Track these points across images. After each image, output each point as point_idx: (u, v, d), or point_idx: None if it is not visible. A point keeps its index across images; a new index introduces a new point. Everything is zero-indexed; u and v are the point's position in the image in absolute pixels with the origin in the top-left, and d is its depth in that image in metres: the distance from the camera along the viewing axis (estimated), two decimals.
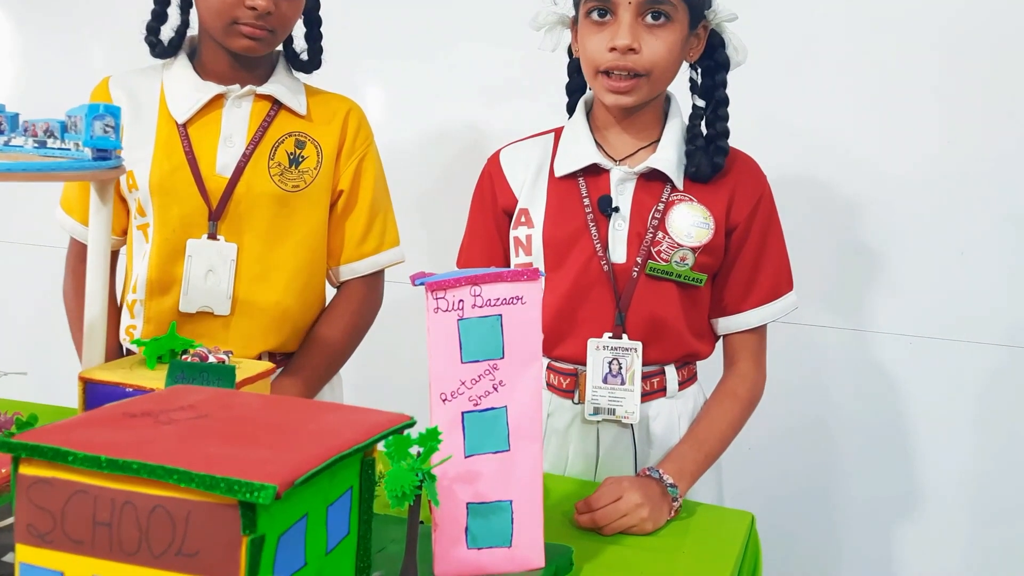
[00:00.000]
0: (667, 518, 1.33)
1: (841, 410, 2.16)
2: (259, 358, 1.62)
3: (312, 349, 1.65)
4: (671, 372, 1.51)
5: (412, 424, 0.87)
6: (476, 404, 1.10)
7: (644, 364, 1.47)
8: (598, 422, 1.50)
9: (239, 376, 1.15)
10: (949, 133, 2.01)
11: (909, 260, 2.07)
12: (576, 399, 1.50)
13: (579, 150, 1.49)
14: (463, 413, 1.09)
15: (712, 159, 1.45)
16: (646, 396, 1.49)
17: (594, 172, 1.48)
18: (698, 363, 1.59)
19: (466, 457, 1.10)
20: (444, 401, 1.09)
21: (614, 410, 1.46)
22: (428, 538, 1.12)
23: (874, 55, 2.04)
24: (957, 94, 2.00)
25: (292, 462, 0.71)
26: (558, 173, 1.50)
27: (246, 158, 1.57)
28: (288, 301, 1.61)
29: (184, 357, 1.16)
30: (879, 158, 2.06)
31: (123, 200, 1.63)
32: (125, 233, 1.67)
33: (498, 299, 1.09)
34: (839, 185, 2.09)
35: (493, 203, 1.55)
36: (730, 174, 1.48)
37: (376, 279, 1.72)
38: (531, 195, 1.52)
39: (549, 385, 1.53)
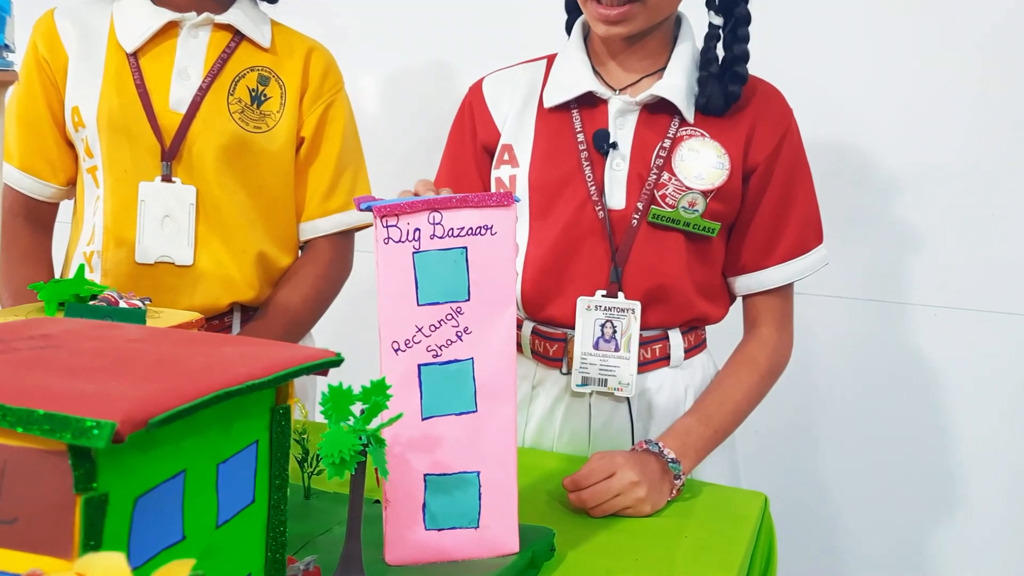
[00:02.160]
0: (667, 499, 1.15)
1: (863, 388, 1.96)
2: (229, 311, 1.47)
3: (269, 316, 1.47)
4: (675, 338, 1.32)
5: (337, 362, 0.69)
6: (436, 355, 0.91)
7: (643, 328, 1.28)
8: (588, 395, 1.31)
9: (158, 326, 0.97)
10: (980, 93, 1.81)
11: (935, 226, 1.88)
12: (565, 368, 1.31)
13: (573, 77, 1.30)
14: (420, 366, 0.91)
15: (727, 87, 1.25)
16: (645, 365, 1.30)
17: (590, 103, 1.29)
18: (708, 329, 1.40)
19: (424, 419, 0.92)
20: (396, 351, 0.91)
21: (606, 380, 1.27)
22: (379, 518, 0.93)
23: (901, 17, 1.84)
24: (988, 52, 1.80)
25: (151, 397, 0.53)
26: (548, 104, 1.31)
27: (203, 92, 1.40)
28: (257, 248, 1.45)
29: (93, 302, 0.98)
30: (901, 120, 1.86)
31: (69, 144, 1.46)
32: (71, 184, 1.50)
33: (462, 228, 0.91)
34: (858, 150, 1.89)
35: (472, 138, 1.37)
36: (749, 106, 1.29)
37: (344, 242, 1.55)
38: (516, 129, 1.33)
39: (535, 353, 1.34)
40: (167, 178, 1.40)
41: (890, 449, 1.97)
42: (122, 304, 0.98)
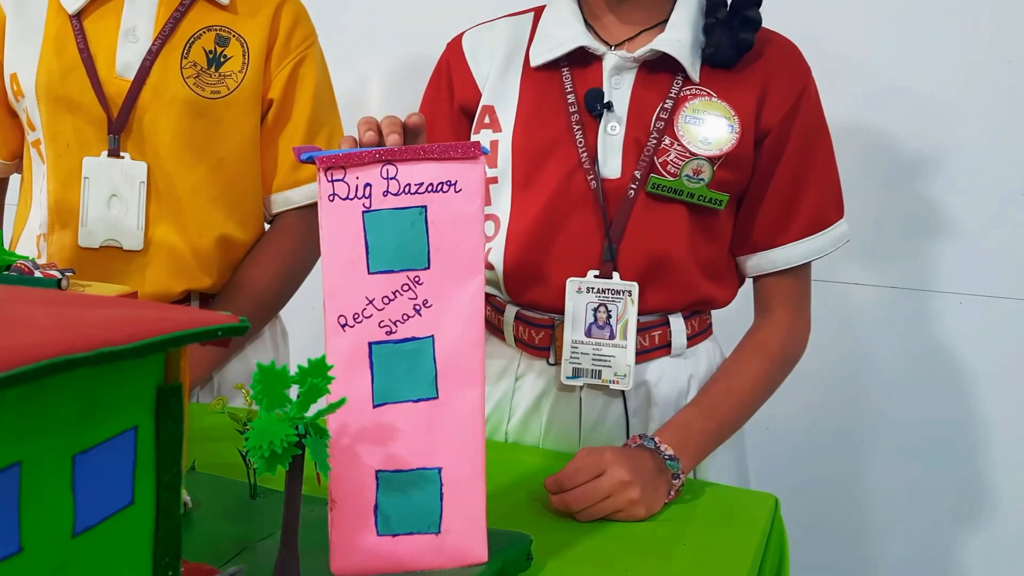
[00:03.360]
0: (664, 501, 1.01)
1: (882, 380, 1.82)
2: (184, 300, 1.35)
3: (233, 295, 1.35)
4: (677, 323, 1.18)
5: (240, 329, 0.55)
6: (390, 332, 0.78)
7: (641, 312, 1.14)
8: (579, 388, 1.17)
9: None
10: (1002, 51, 1.66)
11: (960, 204, 1.72)
12: (552, 358, 1.18)
13: (563, 32, 1.16)
14: (371, 344, 0.78)
15: (737, 34, 1.11)
16: (644, 354, 1.16)
17: (582, 61, 1.16)
18: (714, 315, 1.26)
19: (375, 407, 0.79)
20: (343, 327, 0.78)
21: (600, 372, 1.13)
22: (324, 523, 0.80)
23: None
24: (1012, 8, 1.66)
25: None
26: (535, 62, 1.18)
27: (152, 56, 1.27)
28: (218, 230, 1.32)
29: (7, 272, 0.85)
30: (921, 83, 1.71)
31: (13, 114, 1.34)
32: (16, 158, 1.38)
33: (421, 185, 0.78)
34: (873, 117, 1.74)
35: (449, 98, 1.23)
36: (761, 61, 1.15)
37: (316, 214, 1.41)
38: (499, 89, 1.19)
39: (518, 341, 1.21)
40: (114, 153, 1.27)
41: (914, 446, 1.82)
42: (36, 274, 0.86)
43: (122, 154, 1.27)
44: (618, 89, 1.14)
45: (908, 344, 1.80)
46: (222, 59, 1.30)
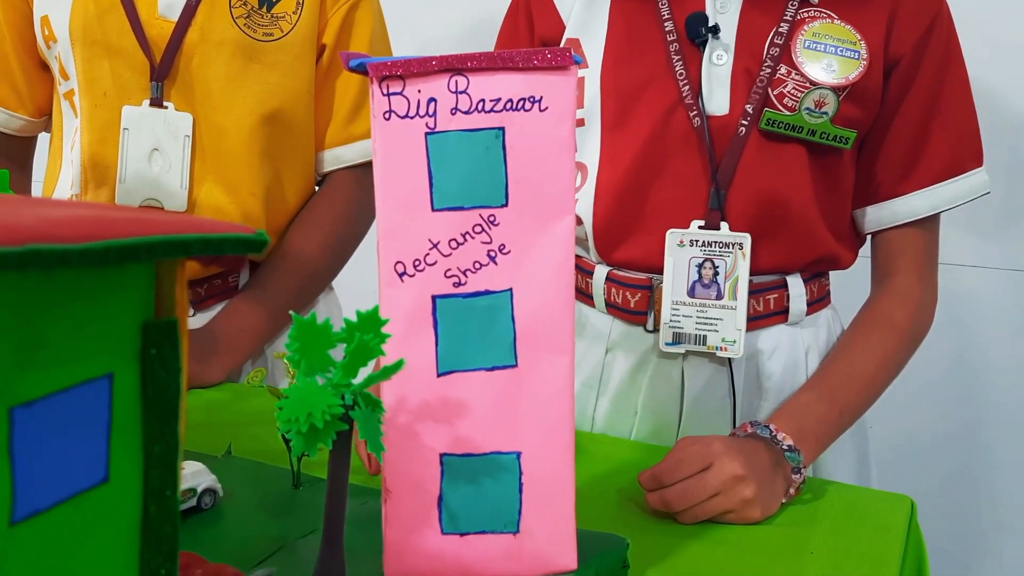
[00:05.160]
0: (782, 500, 0.85)
1: (1000, 375, 1.62)
2: (234, 269, 1.24)
3: (280, 264, 1.22)
4: (796, 285, 1.03)
5: (258, 244, 0.41)
6: (459, 284, 0.63)
7: (754, 272, 0.99)
8: (681, 356, 1.01)
9: None
10: None
11: None
12: (651, 324, 1.03)
13: None
14: (435, 298, 0.63)
15: None
16: (755, 320, 1.01)
17: None
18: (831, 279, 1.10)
19: (440, 375, 0.64)
20: (401, 276, 0.63)
21: (704, 337, 0.98)
22: (376, 516, 0.66)
23: None
24: None
25: None
26: None
27: None
28: (266, 188, 1.20)
29: None
30: None
31: (42, 66, 1.23)
32: (45, 115, 1.27)
33: (498, 101, 0.63)
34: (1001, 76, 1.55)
35: (529, 32, 1.09)
36: None
37: (370, 176, 1.27)
38: (585, 19, 1.05)
39: (610, 306, 1.05)
40: (157, 102, 1.15)
41: None
42: None
43: (165, 104, 1.16)
44: (724, 13, 0.99)
45: None
46: None
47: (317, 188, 1.29)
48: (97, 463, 0.38)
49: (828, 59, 0.95)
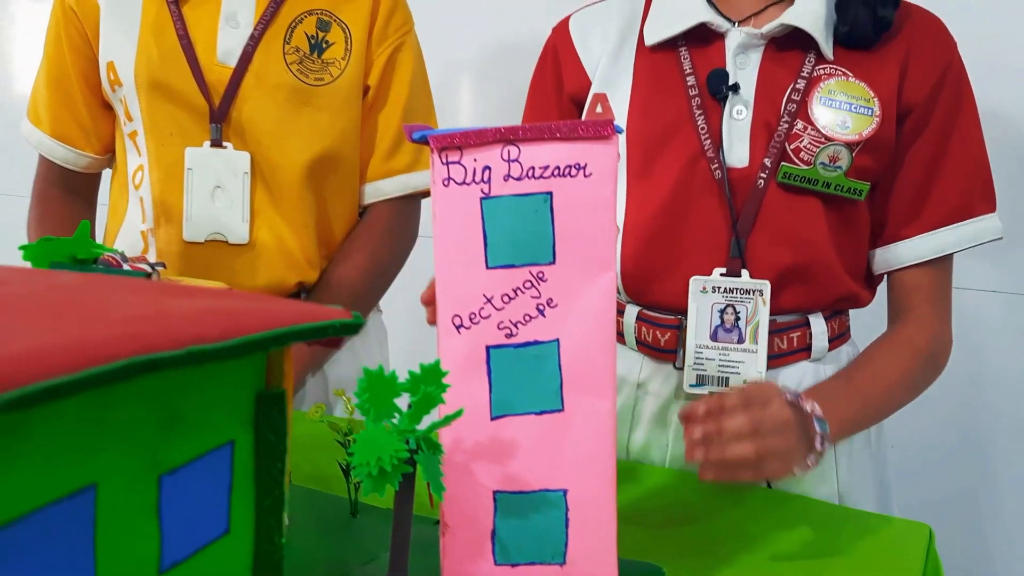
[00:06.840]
0: (805, 465, 0.87)
1: (1012, 399, 1.65)
2: (297, 295, 1.30)
3: (325, 292, 1.28)
4: (818, 324, 1.06)
5: (355, 326, 0.47)
6: (510, 335, 0.69)
7: (777, 312, 1.03)
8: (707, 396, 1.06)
9: None
10: None
11: None
12: (679, 362, 1.07)
13: (681, 7, 1.06)
14: (489, 348, 0.69)
15: (875, 10, 1.00)
16: (779, 358, 1.05)
17: (702, 38, 1.06)
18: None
19: (493, 419, 0.70)
20: (458, 328, 0.69)
21: (727, 379, 1.02)
22: (433, 547, 0.72)
23: None
24: None
25: (20, 356, 0.31)
26: (650, 40, 1.08)
27: (255, 41, 1.22)
28: (317, 220, 1.27)
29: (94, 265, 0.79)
30: None
31: (106, 107, 1.29)
32: (108, 152, 1.33)
33: (546, 168, 0.69)
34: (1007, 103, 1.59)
35: (557, 87, 1.14)
36: (901, 35, 1.03)
37: (409, 206, 1.34)
38: (611, 74, 1.10)
39: (640, 344, 1.10)
40: (217, 143, 1.22)
41: None
42: (125, 267, 0.79)
43: (224, 144, 1.22)
44: (744, 69, 1.04)
45: None
46: (324, 44, 1.24)
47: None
48: (221, 517, 0.44)
49: (843, 116, 0.99)
